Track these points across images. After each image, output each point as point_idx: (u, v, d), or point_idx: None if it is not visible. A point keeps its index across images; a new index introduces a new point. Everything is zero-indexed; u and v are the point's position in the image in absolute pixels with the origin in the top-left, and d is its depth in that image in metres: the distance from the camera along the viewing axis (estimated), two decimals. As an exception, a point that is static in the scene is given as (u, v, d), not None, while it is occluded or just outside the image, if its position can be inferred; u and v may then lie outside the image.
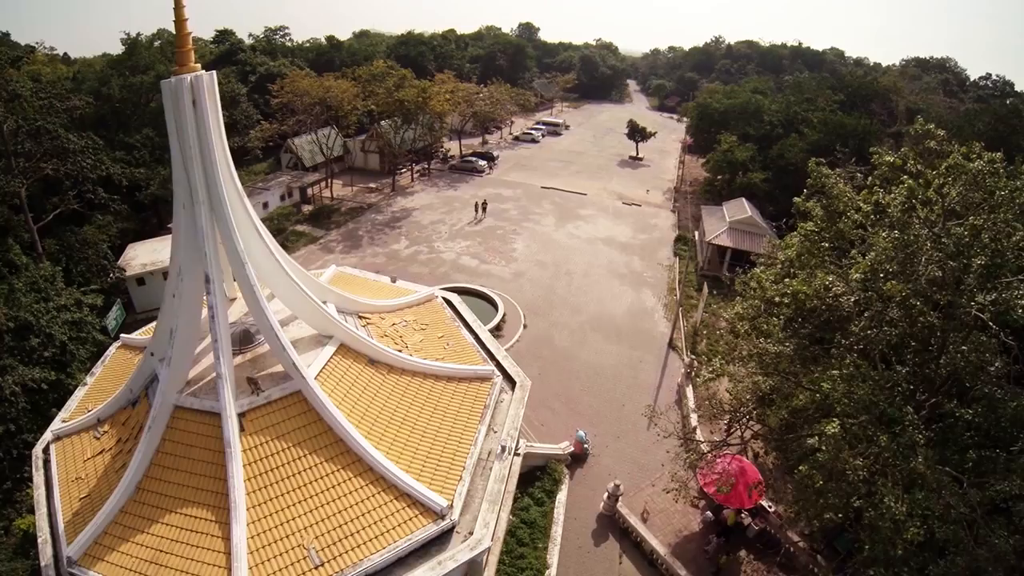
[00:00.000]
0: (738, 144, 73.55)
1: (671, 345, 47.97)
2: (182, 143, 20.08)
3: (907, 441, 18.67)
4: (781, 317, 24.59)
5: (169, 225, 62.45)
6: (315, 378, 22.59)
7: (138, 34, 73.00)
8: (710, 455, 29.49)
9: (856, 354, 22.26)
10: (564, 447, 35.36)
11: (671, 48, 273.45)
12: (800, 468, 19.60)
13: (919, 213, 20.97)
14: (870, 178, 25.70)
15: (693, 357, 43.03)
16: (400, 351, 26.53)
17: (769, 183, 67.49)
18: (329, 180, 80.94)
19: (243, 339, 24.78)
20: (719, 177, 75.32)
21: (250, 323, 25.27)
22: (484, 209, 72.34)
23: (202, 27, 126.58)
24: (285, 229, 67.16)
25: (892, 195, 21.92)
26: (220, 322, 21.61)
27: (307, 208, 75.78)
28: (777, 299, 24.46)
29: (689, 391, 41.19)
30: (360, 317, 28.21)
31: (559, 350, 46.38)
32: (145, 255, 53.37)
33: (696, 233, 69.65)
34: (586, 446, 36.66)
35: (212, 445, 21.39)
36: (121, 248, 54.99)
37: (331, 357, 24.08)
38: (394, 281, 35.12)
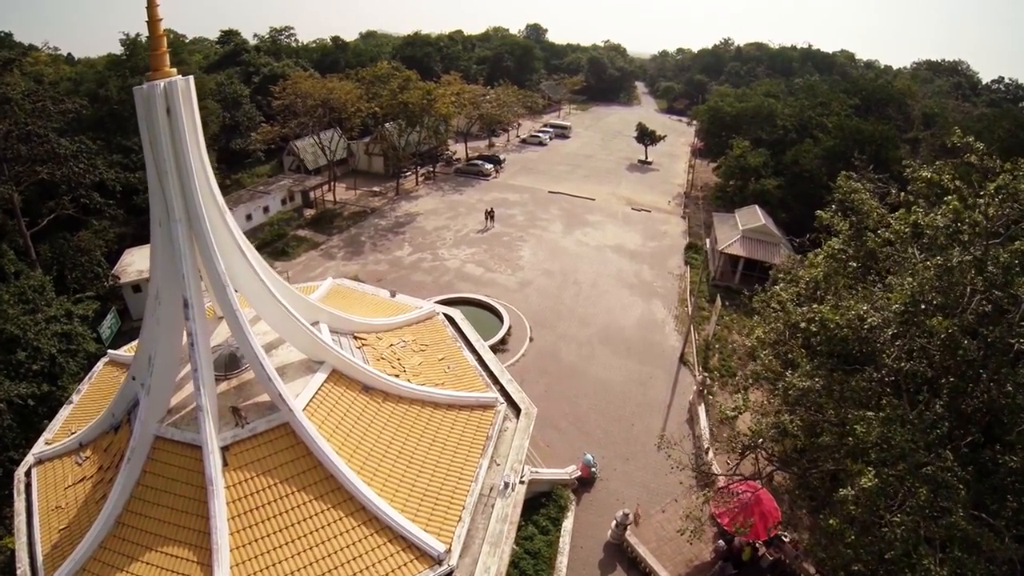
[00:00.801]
0: (751, 149, 71.62)
1: (682, 360, 46.16)
2: (156, 155, 18.47)
3: (948, 494, 16.94)
4: (805, 345, 22.75)
5: (167, 230, 61.52)
6: (304, 409, 21.05)
7: (137, 34, 71.21)
8: (725, 486, 27.78)
9: (887, 386, 20.54)
10: (571, 472, 33.59)
11: (679, 50, 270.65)
12: (831, 522, 17.76)
13: (963, 237, 19.08)
14: (903, 193, 23.92)
15: (705, 375, 41.20)
16: (397, 376, 24.89)
17: (782, 190, 65.55)
18: (332, 183, 79.39)
19: (229, 364, 23.17)
20: (731, 183, 73.34)
21: (237, 346, 23.69)
22: (492, 218, 70.26)
23: (210, 29, 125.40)
24: (286, 234, 65.58)
25: (934, 215, 19.99)
26: (200, 351, 20.05)
27: (309, 212, 74.24)
28: (803, 324, 22.65)
29: (701, 411, 39.39)
30: (355, 338, 26.55)
31: (566, 365, 44.63)
32: (142, 261, 51.72)
33: (707, 241, 67.52)
34: (593, 470, 34.95)
35: (194, 480, 19.94)
36: (118, 253, 53.66)
37: (322, 385, 22.47)
38: (393, 295, 33.44)
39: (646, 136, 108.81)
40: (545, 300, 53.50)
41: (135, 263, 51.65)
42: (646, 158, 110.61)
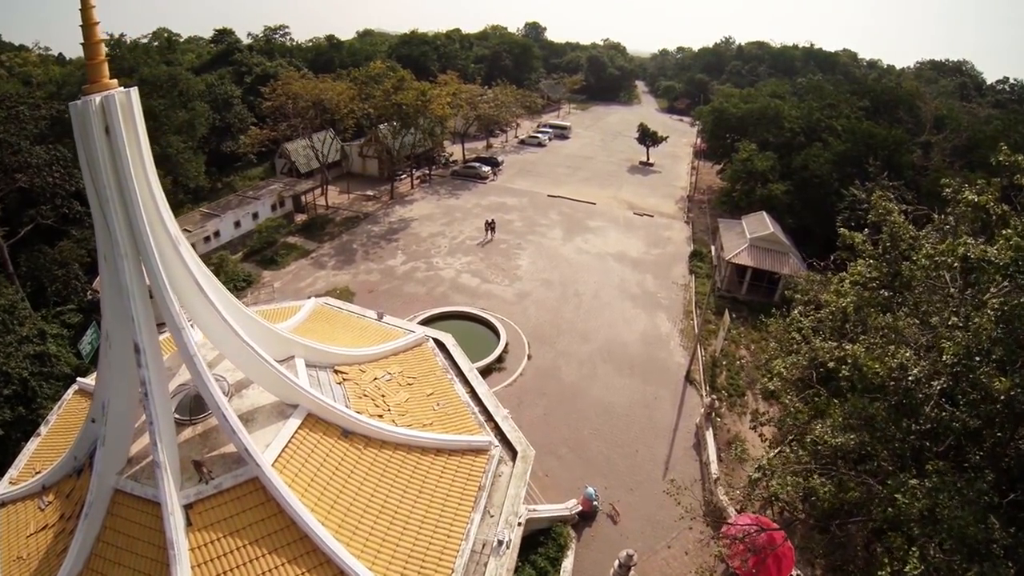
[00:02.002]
0: (757, 152, 69.19)
1: (688, 378, 43.82)
2: (95, 181, 16.07)
3: (993, 567, 14.64)
4: (836, 391, 20.27)
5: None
6: (274, 462, 18.71)
7: (121, 35, 69.29)
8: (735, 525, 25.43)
9: (925, 436, 18.25)
10: (571, 506, 31.25)
11: (680, 49, 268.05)
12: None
13: (1021, 279, 16.59)
14: (942, 215, 21.54)
15: (713, 397, 38.85)
16: (381, 416, 22.51)
17: (790, 195, 63.13)
18: (324, 188, 76.91)
19: (194, 407, 20.75)
20: (737, 187, 70.87)
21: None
22: (493, 230, 66.79)
23: (211, 28, 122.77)
24: (276, 241, 63.16)
25: (986, 249, 17.49)
26: (156, 402, 17.72)
27: (300, 218, 71.81)
28: (831, 363, 20.25)
29: (709, 436, 37.07)
30: (336, 372, 24.15)
31: (566, 385, 42.22)
32: (124, 271, 49.29)
33: (713, 248, 65.39)
34: (595, 503, 32.62)
35: (157, 539, 17.67)
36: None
37: (295, 433, 20.05)
38: (380, 318, 30.97)
39: (648, 137, 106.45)
40: (544, 313, 51.08)
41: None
42: (648, 159, 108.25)
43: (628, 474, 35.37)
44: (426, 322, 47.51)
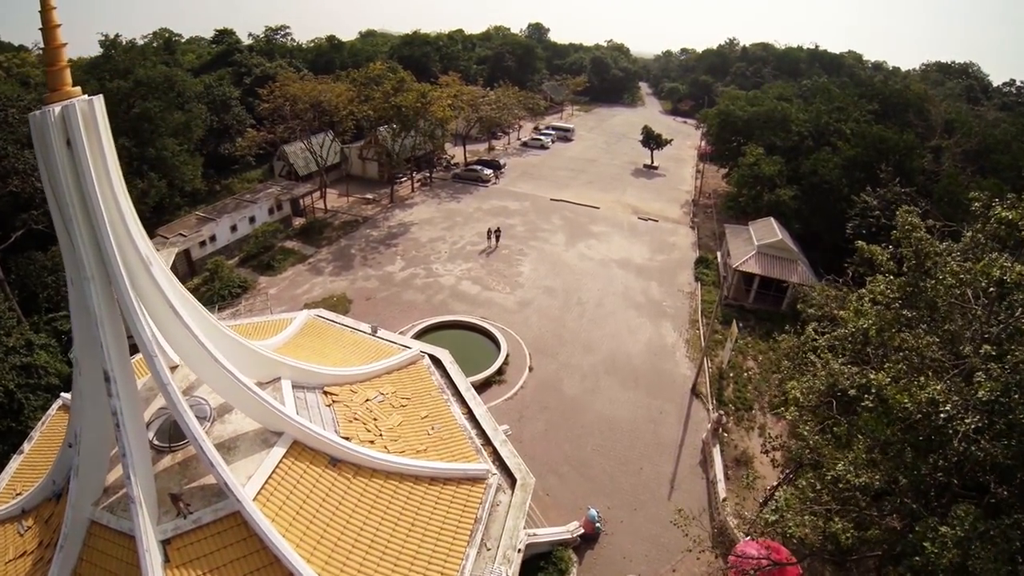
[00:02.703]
0: (765, 156, 67.75)
1: (695, 391, 42.45)
2: (58, 198, 14.73)
3: None
4: (859, 428, 18.80)
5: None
6: (257, 496, 17.48)
7: (116, 35, 67.83)
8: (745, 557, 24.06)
9: (951, 472, 16.95)
10: (572, 529, 29.96)
11: (683, 50, 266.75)
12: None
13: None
14: (970, 232, 20.17)
15: (720, 413, 37.46)
16: (372, 441, 21.21)
17: (798, 200, 61.72)
18: (323, 191, 75.60)
19: (174, 434, 19.48)
20: (744, 192, 69.39)
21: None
22: (497, 238, 64.63)
23: (216, 28, 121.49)
24: (273, 246, 61.92)
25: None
26: (129, 433, 16.50)
27: (298, 221, 70.56)
28: (852, 391, 18.90)
29: (716, 452, 35.73)
30: (325, 393, 22.84)
31: (568, 399, 40.84)
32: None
33: (719, 254, 63.99)
34: (598, 525, 31.29)
35: (135, 574, 16.36)
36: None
37: (279, 462, 18.80)
38: (374, 332, 29.68)
39: (652, 140, 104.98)
40: (546, 323, 49.69)
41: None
42: (652, 163, 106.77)
43: (632, 493, 34.04)
44: (424, 332, 46.36)
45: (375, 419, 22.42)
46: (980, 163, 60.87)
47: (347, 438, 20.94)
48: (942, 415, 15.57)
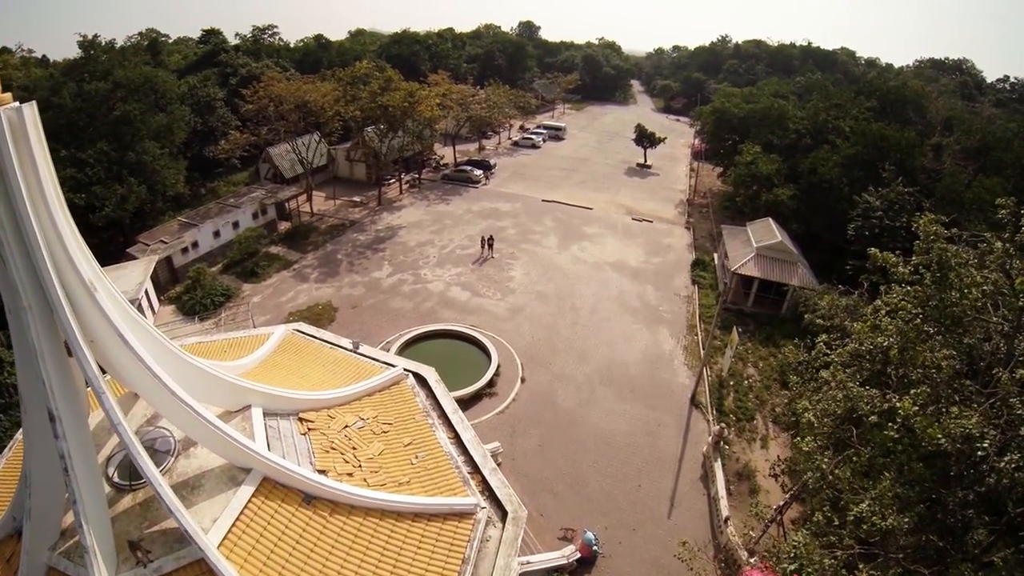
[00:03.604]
0: (762, 155, 66.20)
1: (694, 401, 40.84)
2: (-15, 219, 12.96)
3: None
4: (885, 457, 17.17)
5: (128, 250, 56.16)
6: (222, 543, 15.71)
7: (95, 36, 65.64)
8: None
9: (980, 508, 15.44)
10: (568, 553, 28.33)
11: (676, 48, 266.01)
12: None
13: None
14: (999, 242, 18.54)
15: (722, 426, 35.83)
16: (351, 474, 19.47)
17: (796, 200, 60.23)
18: (309, 194, 73.62)
19: (134, 471, 17.58)
20: (741, 192, 67.79)
21: (147, 443, 18.49)
22: (491, 246, 61.95)
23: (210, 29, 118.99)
24: (257, 252, 60.00)
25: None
26: (78, 478, 14.77)
27: (284, 226, 68.64)
28: (873, 417, 17.27)
29: (718, 467, 34.14)
30: (300, 420, 21.08)
31: (563, 412, 39.11)
32: (95, 286, 46.25)
33: (716, 256, 62.43)
34: (595, 548, 29.65)
35: None
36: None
37: (248, 503, 17.00)
38: (356, 348, 27.90)
39: (645, 138, 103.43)
40: (539, 330, 47.94)
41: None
42: (645, 161, 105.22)
43: (630, 512, 32.41)
44: (412, 342, 44.60)
45: (354, 448, 20.67)
46: (980, 161, 59.43)
47: (323, 471, 19.23)
48: (979, 452, 13.97)
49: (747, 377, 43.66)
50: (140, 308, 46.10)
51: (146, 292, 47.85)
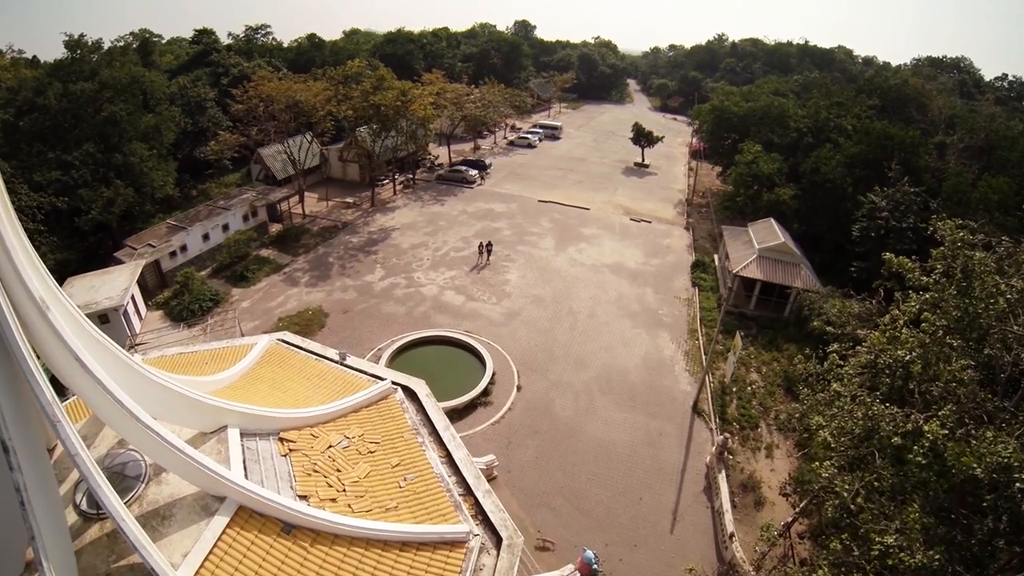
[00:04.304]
0: (763, 154, 64.93)
1: (696, 409, 39.57)
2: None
3: None
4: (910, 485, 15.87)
5: (116, 254, 54.77)
6: (194, 577, 14.40)
7: (81, 35, 64.17)
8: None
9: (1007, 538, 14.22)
10: (568, 573, 26.99)
11: (672, 46, 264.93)
12: None
13: None
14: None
15: (726, 436, 34.56)
16: (334, 500, 18.15)
17: (798, 200, 59.01)
18: (301, 195, 72.14)
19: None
20: (742, 191, 66.49)
21: (116, 467, 17.26)
22: (489, 252, 59.94)
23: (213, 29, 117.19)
24: (247, 255, 58.60)
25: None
26: (36, 513, 13.36)
27: (275, 228, 67.20)
28: (895, 439, 15.99)
29: (722, 480, 32.87)
30: (281, 440, 19.74)
31: (561, 422, 37.77)
32: (82, 293, 45.12)
33: (716, 258, 61.17)
34: (595, 567, 28.31)
35: None
36: (59, 283, 46.88)
37: (221, 534, 15.67)
38: (343, 359, 26.53)
39: (643, 137, 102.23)
40: (535, 335, 46.57)
41: (74, 296, 44.86)
42: (643, 161, 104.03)
43: (631, 527, 31.15)
44: (404, 349, 43.28)
45: (338, 470, 19.34)
46: (985, 160, 58.25)
47: (304, 496, 17.93)
48: (1017, 484, 12.70)
49: (750, 383, 42.39)
50: (126, 314, 44.80)
51: (133, 298, 46.53)
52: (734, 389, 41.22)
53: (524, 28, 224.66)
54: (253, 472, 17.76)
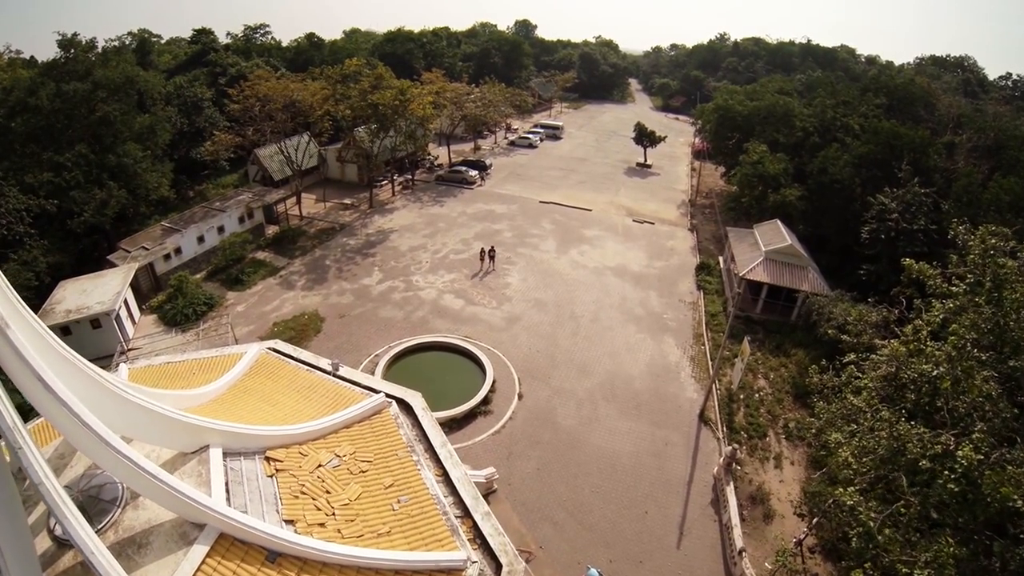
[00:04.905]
0: (769, 154, 63.74)
1: (702, 418, 38.43)
2: None
3: None
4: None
5: (109, 257, 53.67)
6: (164, 616, 13.29)
7: (75, 34, 63.09)
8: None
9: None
10: (572, 593, 25.94)
11: (673, 46, 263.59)
12: None
13: None
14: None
15: (734, 446, 33.38)
16: (323, 524, 17.03)
17: (804, 201, 57.82)
18: (298, 196, 71.00)
19: (78, 521, 15.30)
20: (747, 192, 65.27)
21: (92, 490, 16.21)
22: (492, 258, 58.31)
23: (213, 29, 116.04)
24: (242, 258, 57.49)
25: None
26: (5, 553, 12.35)
27: (272, 230, 66.08)
28: (924, 463, 14.86)
29: (730, 492, 31.74)
30: (267, 459, 18.62)
31: (563, 432, 36.59)
32: (73, 297, 44.19)
33: (721, 260, 60.00)
34: (600, 586, 27.27)
35: None
36: (51, 286, 46.23)
37: (200, 565, 14.53)
38: (336, 370, 25.39)
39: (645, 137, 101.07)
40: (537, 341, 45.41)
41: (66, 299, 44.12)
42: (645, 161, 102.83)
43: (636, 542, 30.01)
44: (401, 355, 42.15)
45: (327, 492, 18.20)
46: (994, 160, 57.03)
47: (291, 520, 16.81)
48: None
49: (758, 390, 41.29)
50: (119, 319, 43.75)
51: (126, 302, 45.51)
52: (741, 396, 40.11)
53: (525, 28, 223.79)
54: (236, 495, 16.66)
